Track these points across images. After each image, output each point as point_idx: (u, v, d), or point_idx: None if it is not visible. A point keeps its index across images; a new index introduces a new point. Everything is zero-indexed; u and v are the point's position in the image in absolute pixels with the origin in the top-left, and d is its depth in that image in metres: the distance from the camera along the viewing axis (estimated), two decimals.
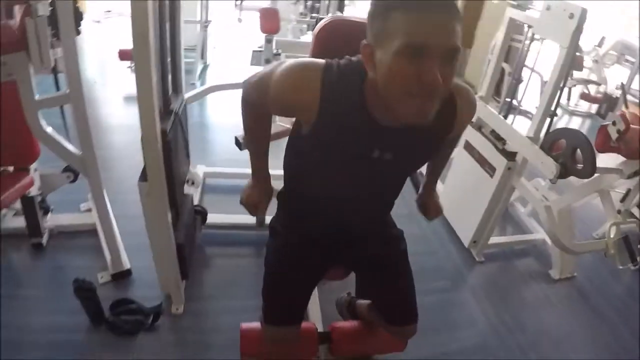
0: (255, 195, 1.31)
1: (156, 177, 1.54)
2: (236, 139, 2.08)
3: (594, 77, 5.29)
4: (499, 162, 2.32)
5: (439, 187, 3.07)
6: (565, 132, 1.99)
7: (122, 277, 2.14)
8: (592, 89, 5.25)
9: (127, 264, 2.16)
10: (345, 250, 1.33)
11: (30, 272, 2.17)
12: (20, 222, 2.24)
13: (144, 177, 1.57)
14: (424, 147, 1.07)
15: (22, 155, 1.90)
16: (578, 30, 1.84)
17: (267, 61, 2.40)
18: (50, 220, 2.37)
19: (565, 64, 1.91)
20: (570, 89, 5.18)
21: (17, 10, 1.40)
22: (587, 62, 5.24)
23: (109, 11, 6.95)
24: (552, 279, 2.47)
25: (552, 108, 2.04)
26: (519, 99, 3.35)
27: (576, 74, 4.97)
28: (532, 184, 2.57)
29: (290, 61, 0.99)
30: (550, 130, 2.02)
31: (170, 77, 1.82)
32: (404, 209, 2.79)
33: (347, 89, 0.95)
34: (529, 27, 2.18)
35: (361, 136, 1.00)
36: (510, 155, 2.28)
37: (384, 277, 1.35)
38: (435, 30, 0.80)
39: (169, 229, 1.76)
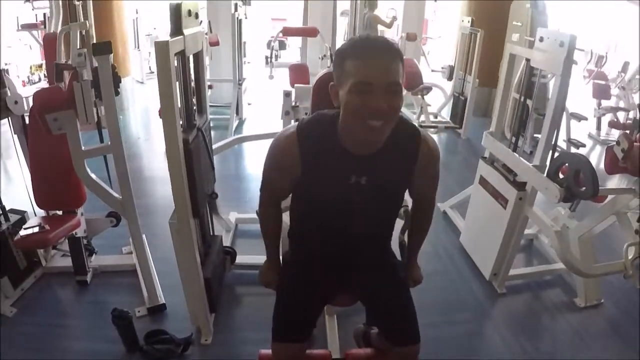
0: (269, 276, 1.56)
1: (184, 213, 1.74)
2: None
3: (622, 105, 5.25)
4: (511, 193, 2.39)
5: (459, 222, 3.14)
6: (568, 156, 2.06)
7: (157, 311, 2.30)
8: (622, 116, 5.20)
9: (162, 299, 2.33)
10: (347, 276, 1.47)
11: (75, 306, 2.38)
12: (67, 262, 2.49)
13: (173, 217, 1.77)
14: (392, 171, 1.25)
15: (70, 200, 2.17)
16: (569, 58, 1.96)
17: (287, 113, 2.61)
18: (95, 261, 2.61)
19: (562, 92, 2.02)
20: (599, 118, 5.16)
21: (67, 75, 1.70)
22: (614, 89, 5.23)
23: (152, 72, 7.53)
24: (578, 307, 2.42)
25: (555, 136, 2.13)
26: None
27: (604, 103, 4.97)
28: (552, 213, 2.61)
29: (271, 145, 1.29)
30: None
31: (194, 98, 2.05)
32: (427, 246, 2.90)
33: (320, 132, 1.22)
34: (527, 60, 2.31)
35: (338, 166, 1.23)
36: (521, 186, 2.35)
37: (384, 301, 1.46)
38: (377, 71, 1.07)
39: (197, 262, 1.93)
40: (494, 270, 2.56)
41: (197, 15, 1.77)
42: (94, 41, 4.57)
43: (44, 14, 3.97)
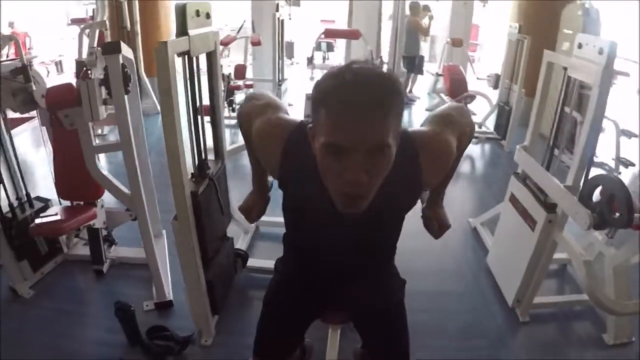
0: (250, 201, 1.45)
1: (185, 219, 1.74)
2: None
3: None
4: (540, 214, 2.20)
5: (489, 241, 2.95)
6: (603, 179, 1.86)
7: (164, 307, 2.32)
8: None
9: (169, 296, 2.35)
10: (338, 293, 1.35)
11: (88, 294, 2.47)
12: (88, 250, 2.57)
13: (176, 217, 1.78)
14: (391, 204, 1.05)
15: (89, 192, 2.23)
16: (608, 67, 1.75)
17: (308, 116, 2.55)
18: (114, 252, 2.68)
19: (600, 106, 1.83)
20: None
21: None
22: None
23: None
24: (605, 344, 2.19)
25: (591, 154, 1.94)
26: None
27: None
28: (589, 238, 2.39)
29: (273, 115, 1.13)
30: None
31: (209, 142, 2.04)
32: (451, 264, 2.75)
33: (308, 159, 0.95)
34: (564, 69, 2.11)
35: (322, 206, 1.00)
36: (551, 208, 2.15)
37: (373, 324, 1.35)
38: (355, 131, 0.80)
39: (197, 264, 1.92)
40: (517, 296, 2.37)
41: (207, 15, 1.75)
42: (139, 38, 4.78)
43: (93, 9, 4.18)
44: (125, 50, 1.91)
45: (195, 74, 1.74)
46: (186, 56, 1.65)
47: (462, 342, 2.20)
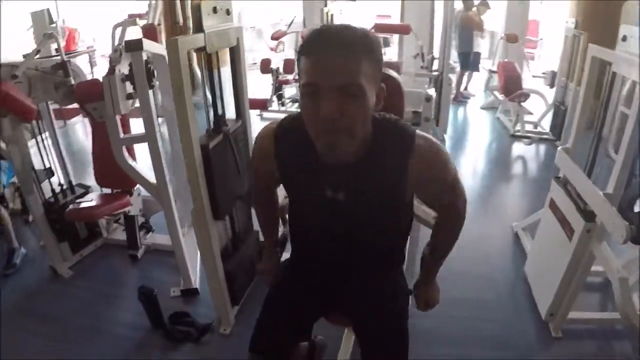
0: (262, 264, 1.48)
1: (200, 205, 1.78)
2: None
3: None
4: (578, 223, 2.03)
5: (528, 246, 2.78)
6: None
7: (189, 294, 2.40)
8: None
9: (195, 284, 2.43)
10: (337, 293, 1.34)
11: (122, 277, 2.60)
12: (125, 236, 2.72)
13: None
14: (374, 188, 1.07)
15: (123, 180, 2.34)
16: None
17: None
18: (150, 239, 2.81)
19: None
20: None
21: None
22: None
23: (254, 63, 7.81)
24: None
25: (635, 158, 1.76)
26: None
27: None
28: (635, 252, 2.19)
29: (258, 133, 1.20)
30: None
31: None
32: (486, 269, 2.62)
33: (298, 134, 1.04)
34: (609, 64, 1.93)
35: (312, 176, 1.09)
36: (590, 216, 1.98)
37: (369, 332, 1.30)
38: (327, 70, 0.88)
39: (215, 255, 1.97)
40: (551, 309, 2.21)
41: (227, 12, 1.78)
42: (191, 33, 4.95)
43: (148, 5, 4.41)
44: (156, 47, 1.98)
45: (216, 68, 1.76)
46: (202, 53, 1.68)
47: (488, 353, 2.09)
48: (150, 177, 2.16)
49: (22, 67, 1.98)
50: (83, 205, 2.30)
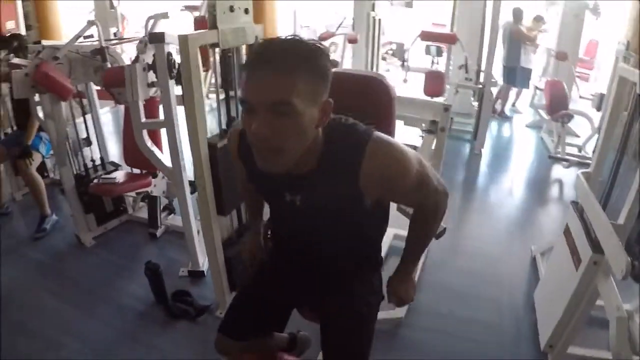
0: (245, 244, 1.54)
1: (203, 189, 1.88)
2: None
3: None
4: (585, 253, 1.93)
5: (543, 271, 2.68)
6: None
7: (196, 275, 2.52)
8: None
9: (203, 266, 2.54)
10: (308, 291, 1.36)
11: (139, 252, 2.75)
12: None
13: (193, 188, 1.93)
14: (328, 195, 1.06)
15: (145, 162, 2.49)
16: None
17: None
18: (171, 220, 2.97)
19: None
20: None
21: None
22: None
23: None
24: None
25: None
26: None
27: None
28: None
29: None
30: None
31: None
32: (494, 290, 2.56)
33: None
34: (634, 85, 1.83)
35: (272, 180, 1.08)
36: (598, 247, 1.89)
37: (329, 330, 1.32)
38: (256, 87, 0.88)
39: (215, 241, 2.06)
40: (550, 340, 2.12)
41: (246, 11, 1.85)
42: None
43: None
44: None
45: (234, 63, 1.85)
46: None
47: None
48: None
49: (64, 50, 2.17)
50: (105, 181, 2.47)
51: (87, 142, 2.91)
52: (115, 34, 4.79)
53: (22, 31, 3.86)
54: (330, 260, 1.29)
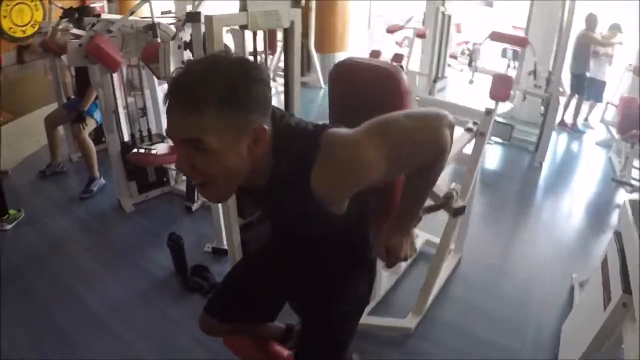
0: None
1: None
2: None
3: None
4: (616, 291, 1.75)
5: (577, 300, 2.47)
6: None
7: (218, 253, 2.61)
8: None
9: (226, 245, 2.62)
10: (292, 283, 1.36)
11: (174, 223, 2.88)
12: None
13: None
14: (290, 204, 1.01)
15: None
16: None
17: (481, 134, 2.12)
18: None
19: None
20: None
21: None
22: None
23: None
24: None
25: None
26: None
27: None
28: None
29: None
30: None
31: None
32: (523, 316, 2.40)
33: None
34: None
35: (247, 194, 1.09)
36: (629, 287, 1.71)
37: (305, 324, 1.35)
38: (169, 123, 0.86)
39: (233, 222, 2.11)
40: None
41: None
42: (313, 14, 5.18)
43: None
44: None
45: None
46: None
47: None
48: None
49: (118, 24, 2.31)
50: (143, 151, 2.61)
51: (143, 112, 3.07)
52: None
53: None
54: (313, 257, 1.28)
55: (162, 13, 2.60)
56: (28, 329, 2.08)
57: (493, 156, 3.93)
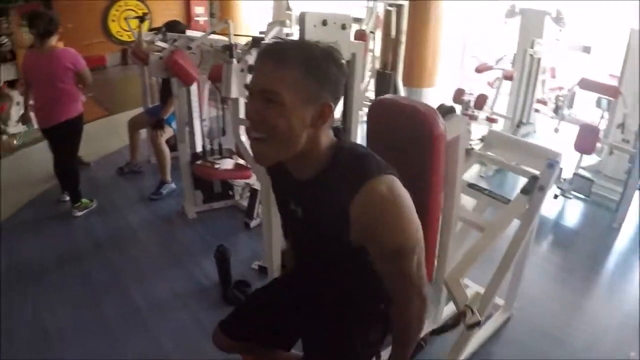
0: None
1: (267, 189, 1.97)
2: None
3: None
4: None
5: None
6: None
7: (263, 271, 2.60)
8: None
9: None
10: (303, 310, 1.34)
11: (230, 237, 2.93)
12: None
13: None
14: (325, 209, 1.03)
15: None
16: None
17: (540, 189, 1.90)
18: None
19: None
20: None
21: None
22: None
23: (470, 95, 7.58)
24: None
25: None
26: None
27: None
28: None
29: None
30: None
31: None
32: None
33: None
34: None
35: (283, 187, 1.14)
36: None
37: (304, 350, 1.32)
38: (255, 76, 0.96)
39: (275, 241, 2.16)
40: None
41: (343, 27, 1.88)
42: (403, 47, 5.18)
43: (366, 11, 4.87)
44: None
45: None
46: None
47: None
48: None
49: (197, 41, 2.50)
50: (208, 165, 2.75)
51: (223, 131, 3.23)
52: (287, 34, 5.33)
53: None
54: (327, 285, 1.25)
55: (261, 33, 2.74)
56: (75, 311, 2.29)
57: (570, 211, 3.53)
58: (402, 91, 5.95)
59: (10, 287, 2.47)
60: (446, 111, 1.60)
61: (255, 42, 2.02)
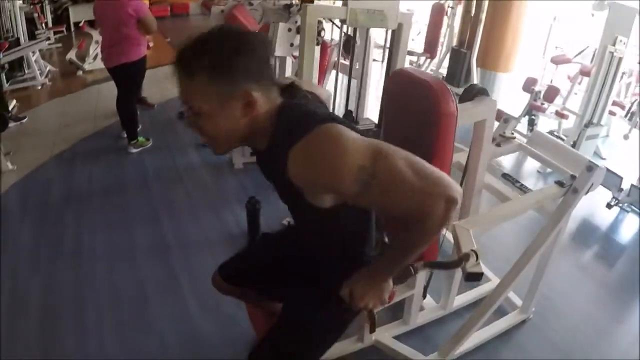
0: None
1: None
2: None
3: None
4: None
5: None
6: None
7: None
8: None
9: None
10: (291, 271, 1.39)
11: (269, 190, 2.89)
12: None
13: None
14: (278, 176, 1.00)
15: None
16: None
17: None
18: None
19: None
20: None
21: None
22: None
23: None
24: None
25: None
26: None
27: None
28: None
29: None
30: None
31: None
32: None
33: None
34: None
35: (260, 161, 1.14)
36: None
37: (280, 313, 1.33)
38: (178, 87, 0.98)
39: None
40: None
41: None
42: (481, 26, 4.91)
43: None
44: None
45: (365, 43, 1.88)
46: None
47: None
48: None
49: None
50: None
51: None
52: None
53: None
54: (309, 248, 1.29)
55: None
56: (109, 234, 2.54)
57: (625, 225, 3.19)
58: (475, 72, 5.67)
59: (60, 206, 2.78)
60: (476, 92, 1.55)
61: (305, 3, 2.03)
